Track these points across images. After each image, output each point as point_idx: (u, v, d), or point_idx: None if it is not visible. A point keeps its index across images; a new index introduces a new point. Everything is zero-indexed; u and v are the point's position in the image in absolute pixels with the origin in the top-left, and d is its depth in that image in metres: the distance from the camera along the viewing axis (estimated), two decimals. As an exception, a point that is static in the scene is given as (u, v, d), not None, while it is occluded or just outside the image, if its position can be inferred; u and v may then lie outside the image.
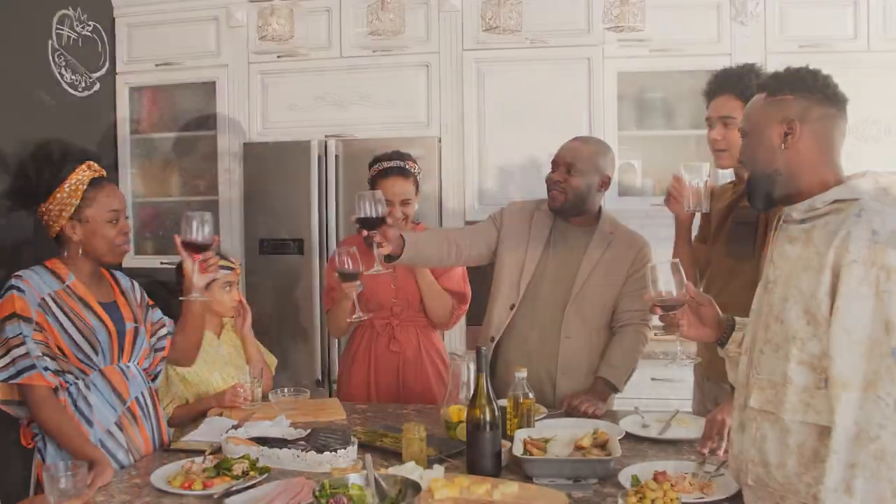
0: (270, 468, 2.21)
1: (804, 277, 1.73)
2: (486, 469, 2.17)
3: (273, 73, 4.56)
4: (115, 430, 2.39)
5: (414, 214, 3.27)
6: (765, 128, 1.84)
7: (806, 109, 1.80)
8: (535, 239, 2.96)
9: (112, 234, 2.45)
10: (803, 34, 4.12)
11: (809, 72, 1.85)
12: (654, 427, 2.59)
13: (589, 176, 2.90)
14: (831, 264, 1.68)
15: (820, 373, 1.69)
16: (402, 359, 3.21)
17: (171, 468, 2.24)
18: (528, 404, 2.45)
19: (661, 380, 3.97)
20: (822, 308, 1.68)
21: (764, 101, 1.86)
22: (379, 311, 3.20)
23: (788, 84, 1.83)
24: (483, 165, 4.34)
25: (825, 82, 1.83)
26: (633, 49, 4.20)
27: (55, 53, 4.29)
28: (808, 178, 1.81)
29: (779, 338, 1.77)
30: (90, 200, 2.43)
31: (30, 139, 3.26)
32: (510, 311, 2.93)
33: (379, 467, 2.23)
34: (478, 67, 4.32)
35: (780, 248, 1.83)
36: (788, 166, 1.82)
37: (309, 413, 2.80)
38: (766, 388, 1.79)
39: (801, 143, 1.80)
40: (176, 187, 4.84)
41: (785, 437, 1.73)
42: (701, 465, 2.20)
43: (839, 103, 1.84)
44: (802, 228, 1.79)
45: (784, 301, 1.77)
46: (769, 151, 1.84)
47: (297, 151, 4.37)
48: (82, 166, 2.46)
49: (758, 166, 1.87)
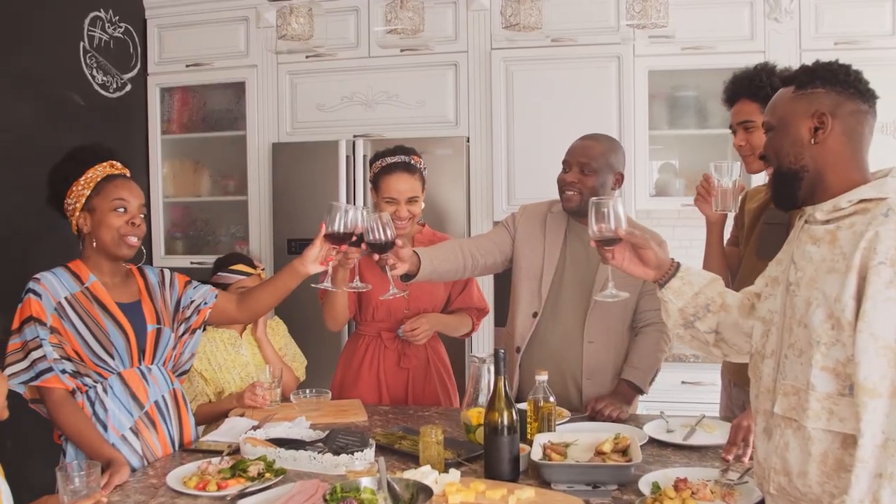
0: (286, 470, 2.20)
1: (829, 280, 1.67)
2: (503, 474, 2.13)
3: (301, 74, 4.57)
4: (129, 434, 2.38)
5: (420, 214, 3.12)
6: (793, 121, 1.77)
7: (838, 104, 1.74)
8: (551, 243, 2.90)
9: (117, 224, 2.42)
10: (839, 31, 4.03)
11: (841, 66, 1.78)
12: (678, 432, 2.53)
13: (603, 174, 2.83)
14: (858, 266, 1.61)
15: (844, 379, 1.63)
16: (411, 375, 3.12)
17: (188, 468, 2.23)
18: (549, 408, 2.41)
19: (691, 383, 3.91)
20: (846, 312, 1.62)
21: (793, 94, 1.79)
22: (387, 320, 3.11)
23: (820, 77, 1.76)
24: (512, 165, 4.30)
25: (857, 77, 1.77)
26: (664, 47, 4.14)
27: (87, 55, 4.33)
28: (836, 177, 1.74)
29: (802, 342, 1.72)
30: (99, 190, 2.43)
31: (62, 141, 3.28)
32: (533, 319, 2.87)
33: (396, 470, 2.21)
34: (506, 66, 4.28)
35: (802, 249, 1.77)
36: (816, 163, 1.75)
37: (329, 414, 2.79)
38: (790, 393, 1.73)
39: (832, 139, 1.74)
40: (205, 188, 4.87)
41: (807, 445, 1.68)
42: (724, 473, 2.14)
43: (870, 100, 1.77)
44: (827, 229, 1.73)
45: (807, 304, 1.70)
46: (797, 146, 1.77)
47: (326, 151, 4.38)
48: (104, 164, 2.47)
49: (784, 162, 1.80)
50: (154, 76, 4.78)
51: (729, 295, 2.07)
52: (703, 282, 2.07)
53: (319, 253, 2.57)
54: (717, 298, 2.05)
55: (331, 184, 4.35)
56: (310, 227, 4.35)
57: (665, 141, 4.38)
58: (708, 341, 2.07)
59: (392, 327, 3.09)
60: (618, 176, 2.88)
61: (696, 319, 2.06)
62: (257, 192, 4.62)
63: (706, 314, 2.05)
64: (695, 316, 2.06)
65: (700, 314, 2.06)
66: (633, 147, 4.15)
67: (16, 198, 3.84)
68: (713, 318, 2.04)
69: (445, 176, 4.24)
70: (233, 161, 4.75)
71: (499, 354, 2.19)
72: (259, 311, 2.75)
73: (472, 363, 2.52)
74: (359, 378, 3.11)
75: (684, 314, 2.06)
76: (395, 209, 2.97)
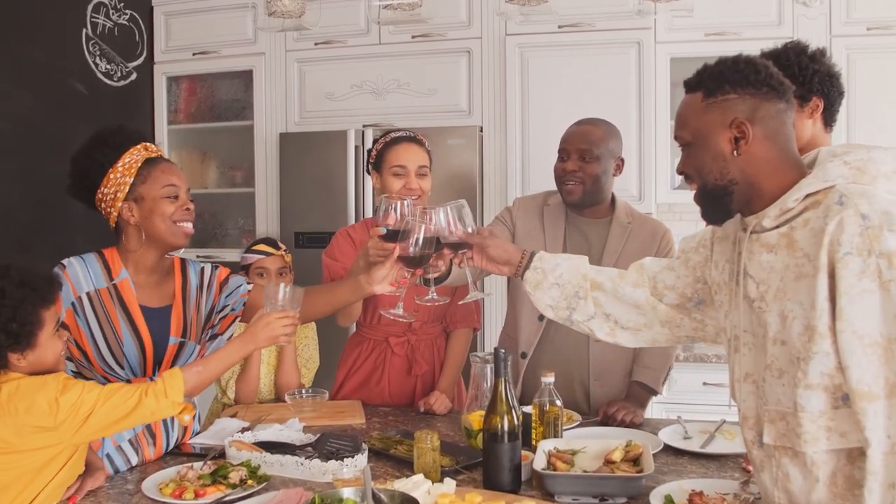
0: (270, 477, 2.05)
1: (800, 287, 1.50)
2: (503, 484, 1.97)
3: (310, 62, 4.43)
4: (126, 446, 2.21)
5: (427, 195, 2.83)
6: (710, 134, 1.59)
7: (754, 108, 1.57)
8: (550, 238, 2.71)
9: (171, 211, 2.23)
10: (871, 15, 3.83)
11: (748, 62, 1.60)
12: (696, 439, 2.36)
13: (605, 161, 2.65)
14: (826, 264, 1.45)
15: (834, 391, 1.48)
16: (420, 382, 2.89)
17: (167, 473, 2.09)
18: (555, 412, 2.24)
19: (713, 384, 3.72)
20: (824, 317, 1.46)
21: (703, 103, 1.61)
22: (394, 325, 2.80)
23: (728, 81, 1.58)
24: (527, 156, 4.13)
25: (768, 73, 1.59)
26: (687, 33, 3.97)
27: (90, 42, 4.22)
28: (770, 181, 1.58)
29: (781, 362, 1.55)
30: (145, 177, 2.23)
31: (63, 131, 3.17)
32: (540, 322, 2.69)
33: (389, 478, 2.06)
34: (521, 53, 4.11)
35: (756, 260, 1.60)
36: (745, 174, 1.58)
37: (325, 416, 2.63)
38: (777, 419, 1.56)
39: (755, 146, 1.57)
40: (212, 179, 4.75)
41: (811, 471, 1.51)
42: (745, 485, 1.96)
43: (785, 93, 1.60)
44: (780, 233, 1.56)
45: (782, 319, 1.53)
46: (719, 161, 1.59)
47: (335, 141, 4.23)
48: (137, 147, 2.26)
49: (709, 179, 1.61)
50: (161, 65, 4.68)
51: (599, 273, 1.99)
52: (561, 268, 1.98)
53: (389, 273, 2.28)
54: (583, 282, 1.95)
55: (339, 175, 4.20)
56: (318, 220, 4.25)
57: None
58: (593, 329, 1.98)
59: (400, 332, 2.86)
60: (618, 162, 2.72)
61: (572, 311, 1.97)
62: (264, 184, 4.50)
63: (578, 302, 1.95)
64: (569, 309, 1.96)
65: (573, 305, 1.96)
66: (654, 138, 3.99)
67: (16, 189, 3.74)
68: (587, 304, 1.95)
69: (458, 167, 4.08)
70: (240, 152, 4.63)
71: (499, 354, 2.03)
72: (311, 317, 2.58)
73: (473, 363, 2.35)
74: (362, 385, 2.89)
75: (557, 311, 1.98)
76: (405, 182, 2.73)
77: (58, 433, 1.84)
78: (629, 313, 1.94)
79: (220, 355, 2.13)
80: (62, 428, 1.83)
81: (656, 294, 1.93)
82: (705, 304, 1.89)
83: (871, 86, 3.80)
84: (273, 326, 2.13)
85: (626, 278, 1.95)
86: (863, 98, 3.79)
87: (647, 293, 1.93)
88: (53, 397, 1.82)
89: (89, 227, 2.55)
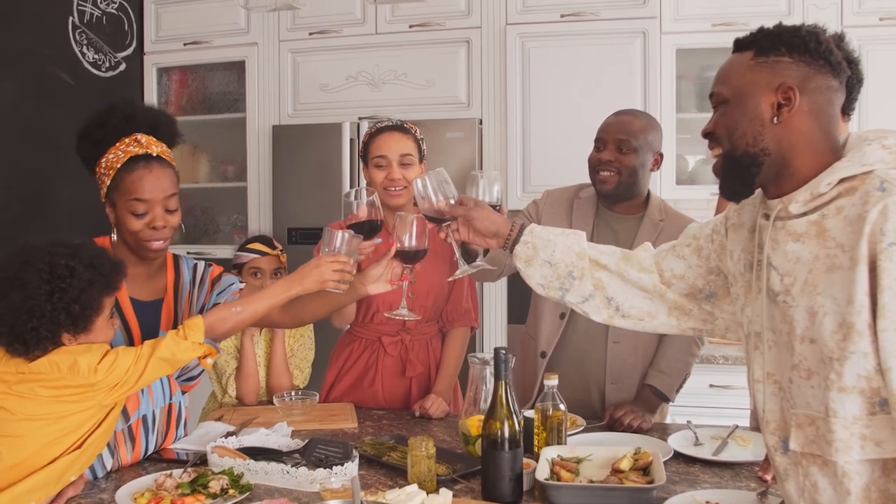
0: (252, 486, 1.91)
1: (833, 281, 1.37)
2: (503, 495, 1.83)
3: (304, 52, 4.30)
4: (104, 450, 2.04)
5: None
6: (752, 94, 1.46)
7: (806, 77, 1.44)
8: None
9: (136, 228, 2.08)
10: (884, 5, 3.72)
11: (810, 31, 1.47)
12: (707, 445, 2.22)
13: (643, 154, 2.52)
14: (866, 256, 1.32)
15: (871, 395, 1.34)
16: (415, 383, 2.74)
17: (144, 481, 1.95)
18: (559, 417, 2.10)
19: (720, 386, 3.59)
20: (863, 314, 1.33)
21: (752, 61, 1.47)
22: (388, 323, 2.67)
23: (786, 44, 1.45)
24: (527, 149, 4.00)
25: (828, 47, 1.46)
26: (694, 23, 3.87)
27: (76, 31, 4.09)
28: (806, 160, 1.45)
29: (810, 362, 1.41)
30: (117, 182, 2.08)
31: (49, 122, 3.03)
32: (561, 320, 2.56)
33: (382, 487, 1.92)
34: (522, 43, 3.98)
35: (781, 249, 1.47)
36: (780, 146, 1.45)
37: (316, 420, 2.50)
38: (805, 424, 1.43)
39: (797, 119, 1.44)
40: (204, 173, 4.62)
41: (842, 482, 1.38)
42: (762, 496, 1.83)
43: (841, 75, 1.47)
44: (809, 220, 1.43)
45: (812, 315, 1.40)
46: (756, 125, 1.46)
47: (329, 134, 4.11)
48: (128, 139, 2.10)
49: (739, 143, 1.48)
50: (151, 55, 4.54)
51: (601, 252, 1.83)
52: (554, 245, 1.83)
53: (384, 271, 2.19)
54: (578, 261, 1.80)
55: (334, 168, 4.08)
56: (312, 216, 4.11)
57: (693, 125, 4.05)
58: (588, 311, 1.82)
59: (393, 331, 2.71)
60: (657, 156, 2.59)
61: (565, 292, 1.81)
62: (257, 178, 4.37)
63: (572, 283, 1.80)
64: (562, 290, 1.81)
65: (566, 285, 1.80)
66: (660, 131, 3.85)
67: (1, 180, 3.61)
68: (583, 284, 1.80)
69: (456, 160, 3.94)
70: (232, 145, 4.50)
71: (500, 355, 1.89)
72: (306, 320, 2.45)
73: (472, 364, 2.21)
74: (354, 387, 2.75)
75: (548, 291, 1.83)
76: (387, 173, 2.58)
77: (94, 391, 1.81)
78: (634, 298, 1.79)
79: (262, 294, 2.09)
80: (98, 386, 1.81)
81: (664, 282, 1.79)
82: (717, 297, 1.75)
83: (884, 77, 3.67)
84: (322, 270, 2.06)
85: (633, 261, 1.80)
86: (875, 89, 3.63)
87: (654, 279, 1.78)
88: (96, 360, 1.81)
89: (75, 218, 2.44)
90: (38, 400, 1.78)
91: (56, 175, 3.73)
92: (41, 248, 1.83)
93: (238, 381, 2.83)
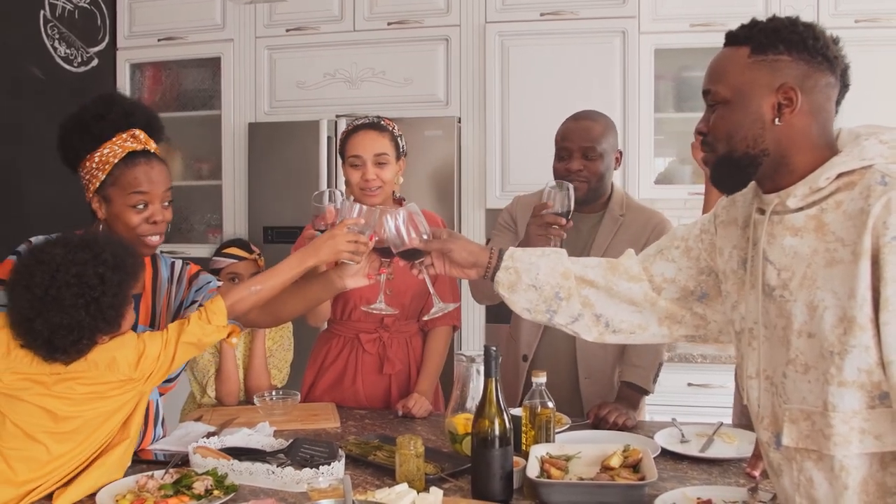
0: (237, 486, 1.88)
1: (833, 275, 1.36)
2: (493, 493, 1.81)
3: (281, 49, 4.25)
4: None
5: (397, 188, 2.67)
6: (753, 95, 1.44)
7: (806, 76, 1.42)
8: None
9: (135, 222, 2.05)
10: (860, 7, 3.72)
11: (807, 26, 1.44)
12: (694, 442, 2.22)
13: (608, 157, 2.54)
14: (868, 249, 1.31)
15: (872, 389, 1.33)
16: (393, 381, 2.71)
17: (125, 482, 1.90)
18: (547, 414, 2.09)
19: (698, 385, 3.60)
20: (865, 308, 1.31)
21: (749, 59, 1.45)
22: (365, 320, 2.66)
23: (784, 41, 1.43)
24: (506, 148, 3.98)
25: (825, 43, 1.44)
26: (672, 23, 3.86)
27: (48, 25, 4.00)
28: (803, 156, 1.44)
29: (807, 356, 1.40)
30: (116, 177, 2.04)
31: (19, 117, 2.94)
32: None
33: (370, 487, 1.89)
34: (501, 42, 3.96)
35: (778, 244, 1.46)
36: (779, 146, 1.44)
37: (297, 419, 2.46)
38: (800, 419, 1.42)
39: (798, 118, 1.42)
40: (177, 171, 4.53)
41: (839, 477, 1.37)
42: (753, 493, 1.82)
43: (838, 70, 1.45)
44: (808, 215, 1.42)
45: (812, 309, 1.39)
46: (757, 127, 1.44)
47: (306, 132, 4.05)
48: (125, 135, 2.07)
49: (739, 146, 1.46)
50: (123, 51, 4.46)
51: (585, 267, 1.79)
52: (538, 268, 1.79)
53: (363, 265, 2.16)
54: (564, 281, 1.77)
55: (311, 167, 4.03)
56: (288, 215, 4.06)
57: (671, 125, 4.07)
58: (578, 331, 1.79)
59: (371, 328, 2.69)
60: (617, 155, 2.61)
61: (553, 314, 1.78)
62: (232, 176, 4.30)
63: (560, 304, 1.76)
64: (549, 312, 1.78)
65: (554, 307, 1.77)
66: (638, 131, 3.87)
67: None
68: (570, 304, 1.76)
69: (435, 159, 3.92)
70: (207, 142, 4.43)
71: (490, 353, 1.87)
72: (284, 318, 2.40)
73: (458, 362, 2.19)
74: (334, 386, 2.72)
75: (535, 315, 1.80)
76: (361, 172, 2.56)
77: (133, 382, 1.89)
78: (623, 312, 1.76)
79: (278, 268, 2.09)
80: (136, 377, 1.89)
81: (655, 289, 1.77)
82: (709, 298, 1.73)
83: (859, 79, 3.64)
84: (337, 240, 2.05)
85: (620, 271, 1.77)
86: (851, 91, 3.67)
87: (644, 288, 1.75)
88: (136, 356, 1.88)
89: (46, 213, 2.38)
90: (77, 398, 1.83)
91: (26, 170, 3.64)
92: (59, 255, 1.80)
93: (218, 383, 2.79)
